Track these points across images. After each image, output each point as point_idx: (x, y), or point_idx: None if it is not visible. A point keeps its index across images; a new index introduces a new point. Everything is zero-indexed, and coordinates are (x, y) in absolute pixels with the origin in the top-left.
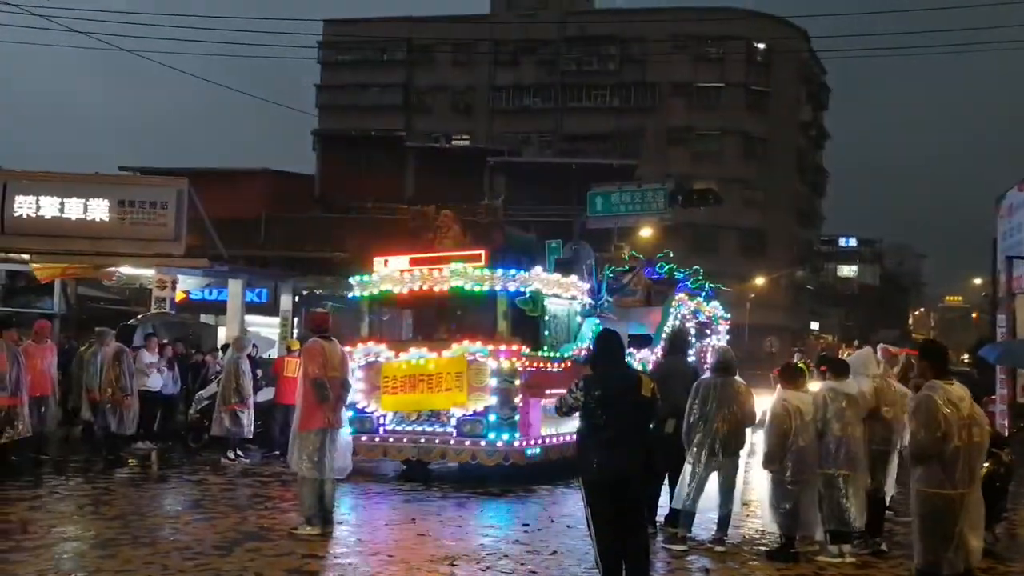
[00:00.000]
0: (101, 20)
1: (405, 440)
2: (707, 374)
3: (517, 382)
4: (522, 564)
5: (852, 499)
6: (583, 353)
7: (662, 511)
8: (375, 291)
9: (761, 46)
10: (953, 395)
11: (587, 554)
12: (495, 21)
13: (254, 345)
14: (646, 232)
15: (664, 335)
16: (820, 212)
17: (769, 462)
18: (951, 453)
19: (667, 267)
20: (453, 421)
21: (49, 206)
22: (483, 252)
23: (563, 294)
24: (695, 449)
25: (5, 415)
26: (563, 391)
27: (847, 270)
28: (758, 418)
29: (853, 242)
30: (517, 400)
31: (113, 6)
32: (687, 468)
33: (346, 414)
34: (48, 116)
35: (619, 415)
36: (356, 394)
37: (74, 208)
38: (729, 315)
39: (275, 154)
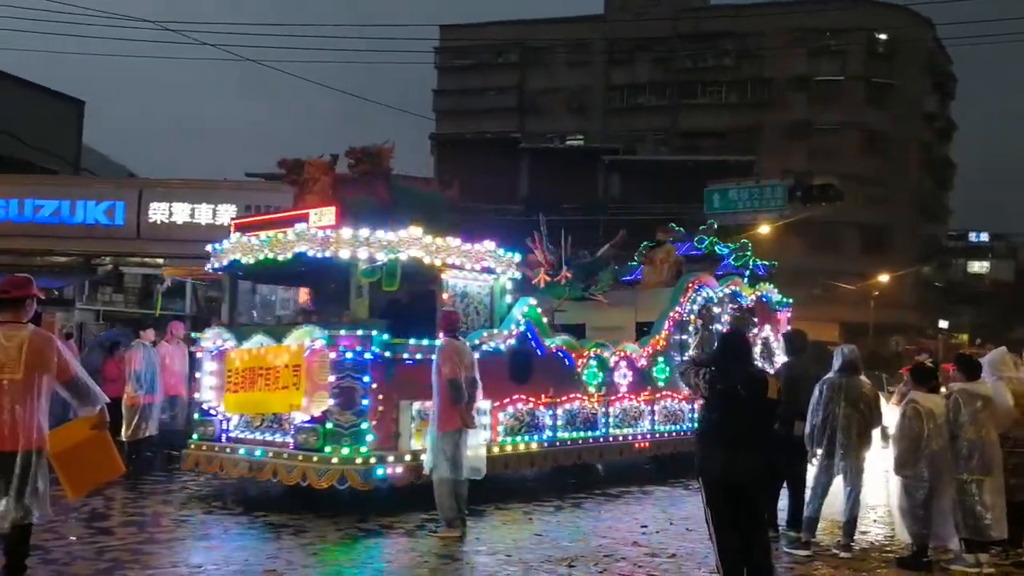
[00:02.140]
0: (227, 32)
1: (242, 451)
2: (830, 374)
3: (369, 379)
4: (639, 567)
5: (988, 506)
6: (509, 341)
7: (783, 515)
8: (224, 262)
9: (883, 37)
10: None
11: (707, 557)
12: (609, 20)
13: None
14: (764, 229)
15: (669, 322)
16: (948, 206)
17: (900, 467)
18: None
19: (707, 241)
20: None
21: (180, 212)
22: (334, 207)
23: (472, 266)
24: (819, 452)
25: (140, 413)
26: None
27: (978, 266)
28: (884, 420)
29: (984, 237)
30: (367, 403)
31: (238, 19)
32: (811, 471)
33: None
34: (181, 127)
35: (742, 414)
36: (205, 391)
37: (203, 213)
38: (791, 300)
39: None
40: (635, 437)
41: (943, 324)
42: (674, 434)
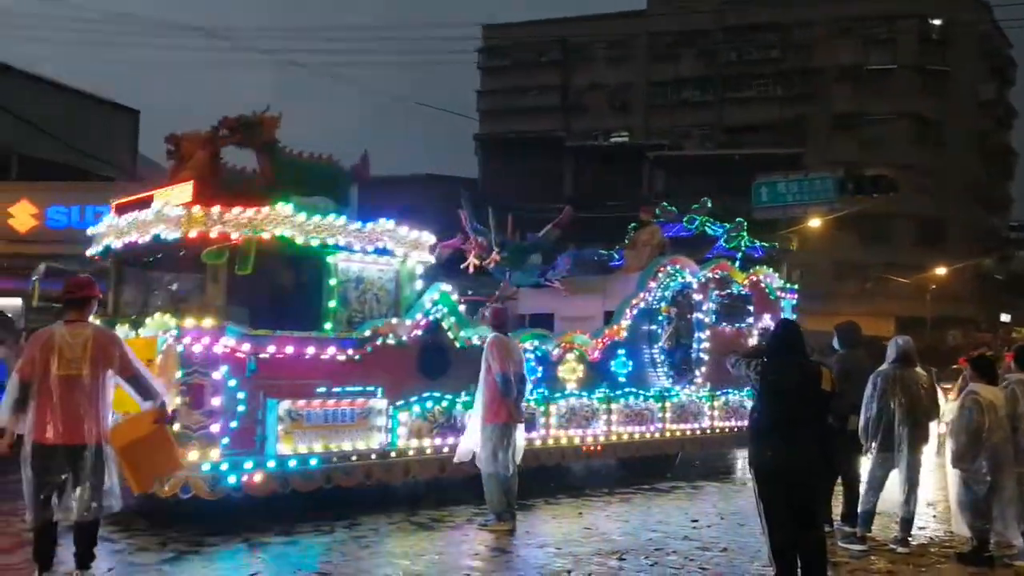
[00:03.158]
0: (271, 38)
1: None
2: (885, 365)
3: (225, 375)
4: (691, 560)
5: None
6: (416, 332)
7: (837, 509)
8: (100, 247)
9: (936, 22)
10: None
11: (759, 551)
12: (652, 14)
13: None
14: (815, 223)
15: (631, 311)
16: (1009, 195)
17: (959, 460)
18: None
19: (698, 221)
20: None
21: None
22: (191, 182)
23: (365, 247)
24: (875, 445)
25: None
26: (360, 388)
27: None
28: (942, 412)
29: None
30: (218, 402)
31: (282, 24)
32: (866, 465)
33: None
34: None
35: (795, 406)
36: None
37: None
38: (796, 286)
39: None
40: (584, 439)
41: (1005, 318)
42: (638, 436)
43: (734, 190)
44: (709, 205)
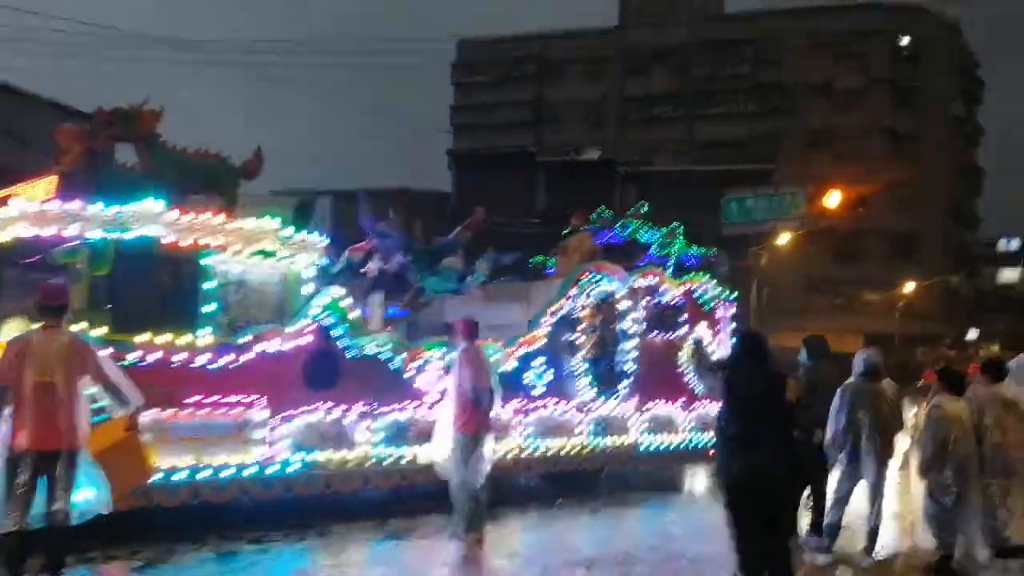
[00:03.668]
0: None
1: None
2: (852, 379)
3: None
4: (659, 570)
5: (1008, 511)
6: (302, 339)
7: (804, 522)
8: None
9: (907, 40)
10: None
11: (728, 562)
12: (623, 30)
13: None
14: (784, 238)
15: (549, 319)
16: (977, 213)
17: (926, 472)
18: None
19: (631, 227)
20: None
21: None
22: (54, 177)
23: (245, 248)
24: (842, 458)
25: None
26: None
27: (1009, 274)
28: (908, 425)
29: (1016, 244)
30: None
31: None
32: (832, 477)
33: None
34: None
35: (760, 415)
36: None
37: None
38: (735, 295)
39: (417, 173)
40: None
41: (972, 335)
42: (557, 450)
43: (706, 205)
44: (644, 210)
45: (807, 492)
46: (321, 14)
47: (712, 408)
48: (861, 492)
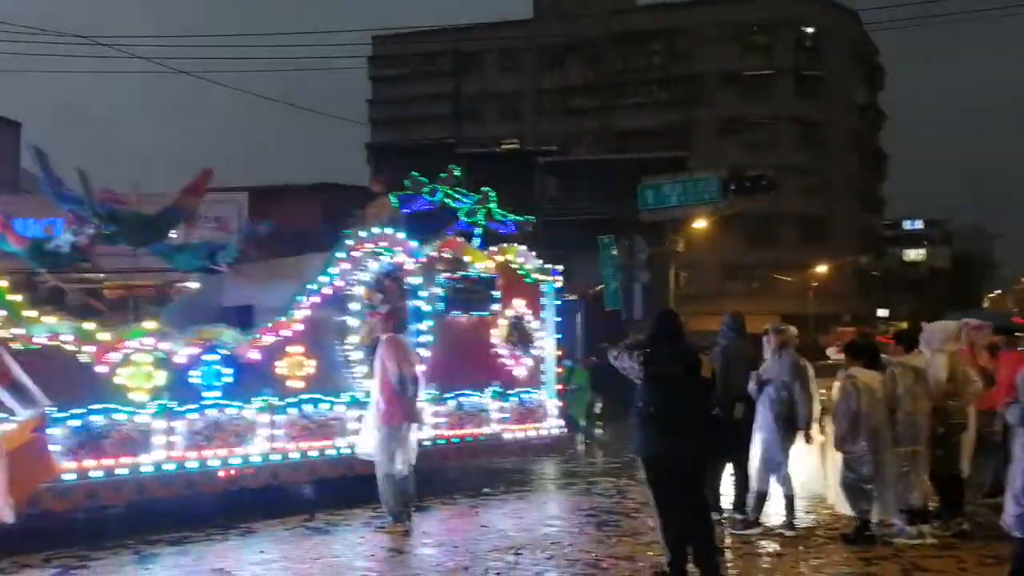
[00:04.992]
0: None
1: None
2: (766, 355)
3: None
4: (587, 551)
5: (922, 478)
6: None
7: (728, 497)
8: None
9: (810, 30)
10: None
11: (655, 540)
12: (538, 22)
13: None
14: (701, 223)
15: (312, 300)
16: (882, 196)
17: (841, 443)
18: None
19: (441, 192)
20: None
21: None
22: None
23: None
24: (758, 431)
25: None
26: None
27: (914, 254)
28: (823, 397)
29: (919, 224)
30: None
31: (166, 32)
32: (753, 451)
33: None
34: (118, 142)
35: (679, 393)
36: None
37: None
38: (560, 268)
39: (333, 169)
40: (228, 464)
41: (883, 313)
42: (319, 454)
43: (624, 194)
44: (457, 174)
45: (730, 467)
46: (235, 9)
47: (534, 397)
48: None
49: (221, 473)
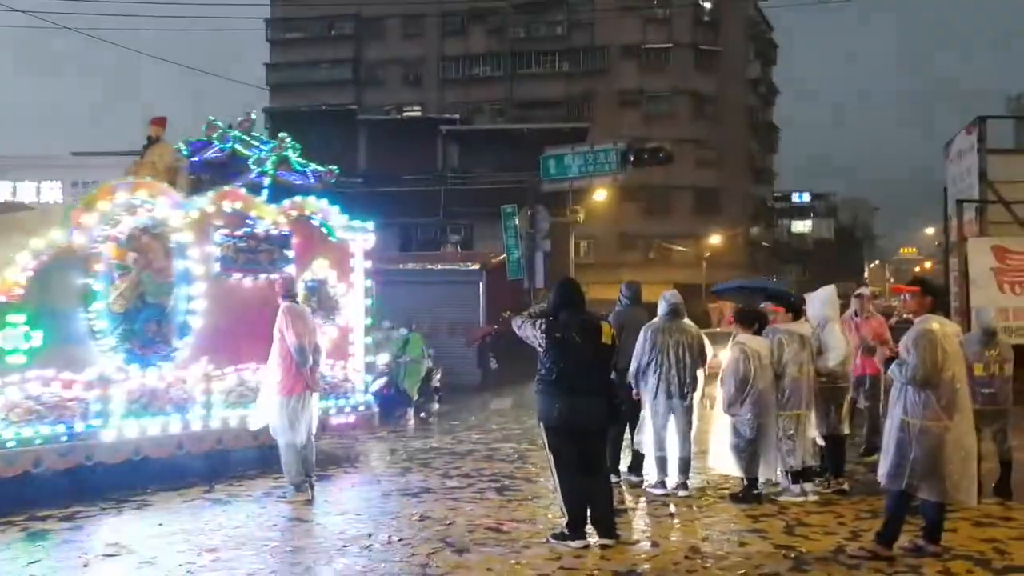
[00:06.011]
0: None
1: None
2: (656, 319)
3: None
4: (488, 516)
5: (806, 438)
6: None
7: (625, 460)
8: None
9: (708, 5)
10: (948, 330)
11: (554, 501)
12: None
13: None
14: (601, 195)
15: (37, 259)
16: (773, 169)
17: (729, 407)
18: (947, 384)
19: (232, 137)
20: None
21: (1, 189)
22: None
23: None
24: (650, 394)
25: None
26: None
27: (801, 225)
28: (711, 361)
29: (807, 197)
30: None
31: None
32: (645, 414)
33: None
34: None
35: (580, 361)
36: None
37: (27, 191)
38: (368, 225)
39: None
40: None
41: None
42: (45, 442)
43: (526, 164)
44: (253, 117)
45: (627, 431)
46: None
47: (337, 371)
48: (672, 426)
49: None
